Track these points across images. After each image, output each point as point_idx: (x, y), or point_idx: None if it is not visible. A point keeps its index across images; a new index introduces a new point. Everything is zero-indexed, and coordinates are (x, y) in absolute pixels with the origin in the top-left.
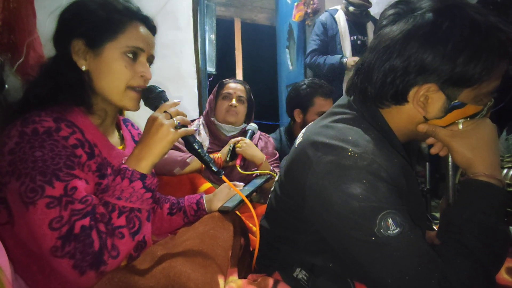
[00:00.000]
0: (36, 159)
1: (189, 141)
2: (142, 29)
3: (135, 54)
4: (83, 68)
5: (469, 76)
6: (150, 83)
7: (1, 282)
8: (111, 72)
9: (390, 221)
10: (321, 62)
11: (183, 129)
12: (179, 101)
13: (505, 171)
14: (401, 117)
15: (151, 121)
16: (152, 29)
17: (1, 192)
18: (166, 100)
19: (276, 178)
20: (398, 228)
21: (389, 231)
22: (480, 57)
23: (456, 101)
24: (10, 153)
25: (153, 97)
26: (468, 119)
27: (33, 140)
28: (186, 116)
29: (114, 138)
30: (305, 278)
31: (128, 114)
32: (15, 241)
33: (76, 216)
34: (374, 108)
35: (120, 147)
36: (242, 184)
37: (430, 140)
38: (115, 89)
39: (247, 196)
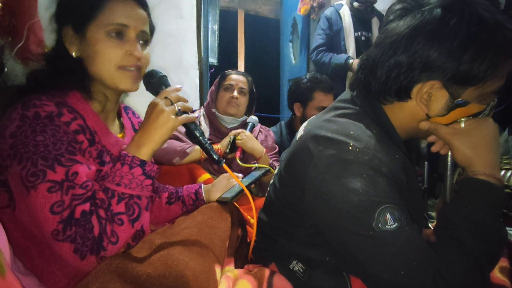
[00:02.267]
0: (37, 143)
1: (190, 128)
2: (124, 4)
3: (119, 32)
4: (73, 54)
5: (474, 74)
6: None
7: (1, 264)
8: (99, 54)
9: (388, 216)
10: (327, 60)
11: (184, 115)
12: (181, 87)
13: (502, 172)
14: (403, 114)
15: (152, 107)
16: (140, 2)
17: (1, 175)
18: (167, 85)
19: (276, 171)
20: (396, 223)
21: (387, 226)
22: (486, 55)
23: (460, 99)
24: (11, 136)
25: (155, 82)
26: (471, 117)
27: (34, 124)
28: (187, 102)
29: (114, 126)
30: (301, 270)
31: (129, 102)
32: (15, 224)
33: (77, 200)
34: (377, 104)
35: (119, 135)
36: (240, 175)
37: (431, 138)
38: (105, 72)
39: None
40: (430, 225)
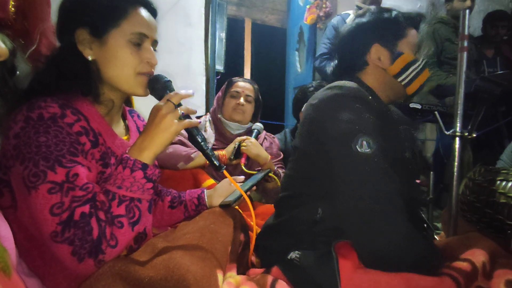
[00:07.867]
0: (40, 144)
1: (192, 133)
2: (145, 14)
3: (139, 40)
4: (89, 58)
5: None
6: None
7: (7, 264)
8: (119, 60)
9: (364, 142)
10: (328, 71)
11: (187, 120)
12: (185, 92)
13: (509, 184)
14: (372, 77)
15: (155, 111)
16: (153, 12)
17: (5, 175)
18: (172, 90)
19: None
20: (369, 149)
21: (362, 149)
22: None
23: (397, 51)
24: (15, 137)
25: (160, 87)
26: None
27: (38, 125)
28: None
29: (119, 128)
30: (297, 256)
31: (136, 105)
32: (18, 225)
33: (76, 202)
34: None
35: (124, 137)
36: (242, 177)
37: None
38: (124, 77)
39: (246, 190)
40: (436, 236)
